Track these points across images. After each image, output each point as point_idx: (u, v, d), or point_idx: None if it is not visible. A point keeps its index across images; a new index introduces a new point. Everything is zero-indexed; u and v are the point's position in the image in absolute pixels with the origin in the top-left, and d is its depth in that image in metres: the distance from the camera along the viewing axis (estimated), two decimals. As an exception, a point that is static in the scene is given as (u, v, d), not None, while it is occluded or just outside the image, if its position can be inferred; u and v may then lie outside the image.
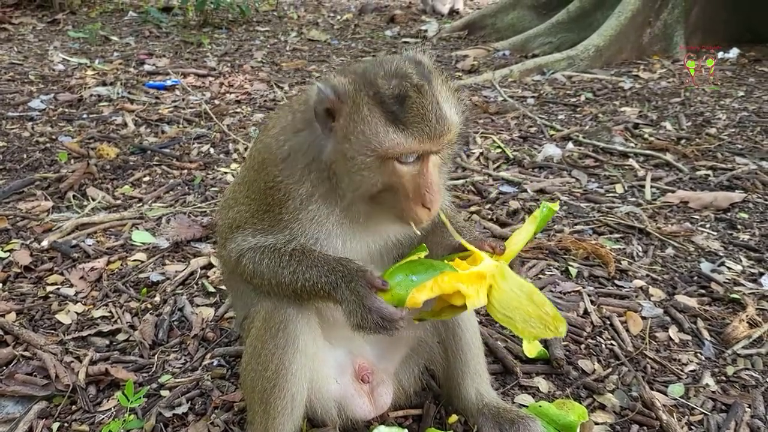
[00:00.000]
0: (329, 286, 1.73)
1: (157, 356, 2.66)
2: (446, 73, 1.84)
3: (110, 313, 2.95)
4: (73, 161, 4.66)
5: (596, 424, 2.27)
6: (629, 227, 3.74)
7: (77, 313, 2.94)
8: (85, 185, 4.28)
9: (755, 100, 6.37)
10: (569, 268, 3.29)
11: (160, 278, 3.22)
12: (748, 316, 2.82)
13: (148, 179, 4.47)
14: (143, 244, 3.55)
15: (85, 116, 5.70)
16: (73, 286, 3.15)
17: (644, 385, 2.44)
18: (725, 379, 2.54)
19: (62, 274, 3.25)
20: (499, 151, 5.02)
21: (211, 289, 3.13)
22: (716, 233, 3.69)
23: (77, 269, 3.26)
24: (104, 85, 6.65)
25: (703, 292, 3.12)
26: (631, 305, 2.98)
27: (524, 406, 2.32)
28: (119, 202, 4.11)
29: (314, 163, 1.79)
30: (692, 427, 2.29)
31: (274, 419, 1.90)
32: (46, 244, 3.48)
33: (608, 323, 2.88)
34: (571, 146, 5.07)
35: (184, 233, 3.62)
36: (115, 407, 2.35)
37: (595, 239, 3.60)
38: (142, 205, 4.06)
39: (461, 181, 4.44)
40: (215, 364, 2.61)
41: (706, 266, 3.31)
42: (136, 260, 3.40)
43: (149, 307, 3.01)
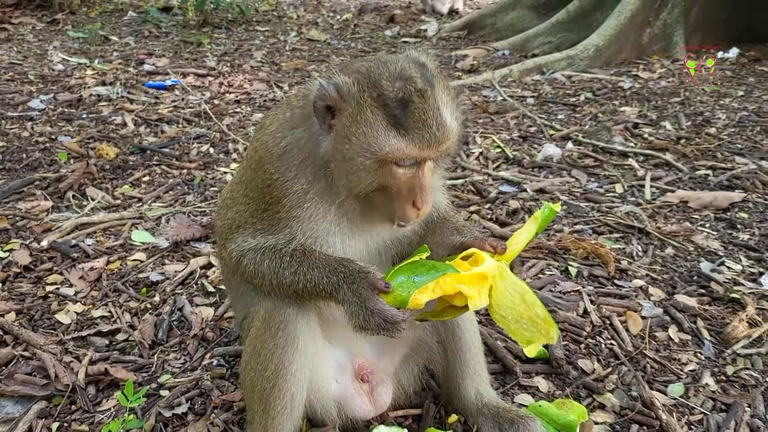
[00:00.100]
0: (331, 287, 1.73)
1: (156, 356, 2.66)
2: (448, 77, 1.84)
3: (110, 312, 2.95)
4: (72, 161, 4.66)
5: (596, 423, 2.27)
6: (629, 227, 3.74)
7: (77, 312, 2.94)
8: (84, 185, 4.28)
9: (755, 99, 6.37)
10: (569, 267, 3.30)
11: (159, 278, 3.22)
12: (747, 315, 2.82)
13: (147, 179, 4.46)
14: (143, 243, 3.55)
15: (84, 116, 5.70)
16: (72, 285, 3.15)
17: (644, 384, 2.44)
18: (725, 378, 2.54)
19: (62, 273, 3.25)
20: (498, 150, 5.02)
21: (210, 288, 3.13)
22: (716, 233, 3.69)
23: (77, 269, 3.26)
24: (104, 84, 6.65)
25: (702, 291, 3.12)
26: (630, 305, 2.98)
27: (524, 405, 2.32)
28: (119, 201, 4.10)
29: (310, 158, 1.79)
30: (692, 426, 2.29)
31: (273, 419, 1.90)
32: (45, 243, 3.48)
33: (608, 323, 2.88)
34: (570, 146, 5.07)
35: (183, 233, 3.62)
36: (114, 407, 2.35)
37: (594, 239, 3.60)
38: (141, 204, 4.06)
39: (461, 180, 4.44)
40: (215, 363, 2.61)
41: (705, 266, 3.31)
42: (135, 260, 3.40)
43: (149, 306, 3.01)
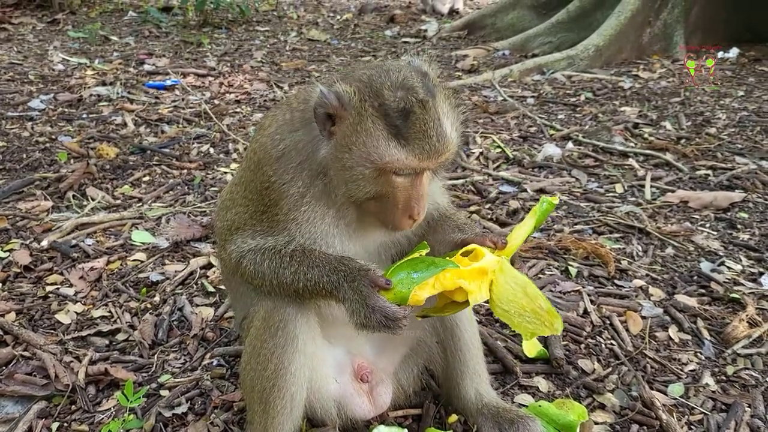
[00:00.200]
0: (331, 285, 1.73)
1: (156, 356, 2.66)
2: (449, 86, 1.85)
3: (110, 312, 2.95)
4: (72, 161, 4.66)
5: (596, 423, 2.27)
6: (629, 227, 3.74)
7: (77, 312, 2.94)
8: (84, 185, 4.28)
9: (755, 99, 6.37)
10: (569, 267, 3.29)
11: (159, 278, 3.22)
12: (748, 315, 2.82)
13: (147, 179, 4.46)
14: (143, 243, 3.55)
15: (84, 116, 5.70)
16: (72, 285, 3.15)
17: (644, 384, 2.44)
18: (725, 378, 2.54)
19: (62, 273, 3.25)
20: (498, 150, 5.02)
21: (210, 288, 3.13)
22: (716, 233, 3.69)
23: (77, 269, 3.26)
24: (104, 84, 6.65)
25: (703, 291, 3.12)
26: (630, 305, 2.98)
27: (524, 405, 2.32)
28: (119, 201, 4.11)
29: (308, 162, 1.80)
30: (692, 426, 2.29)
31: (273, 419, 1.90)
32: (45, 243, 3.48)
33: (608, 323, 2.88)
34: (570, 146, 5.07)
35: (183, 233, 3.62)
36: (114, 407, 2.35)
37: (594, 239, 3.60)
38: (141, 204, 4.06)
39: (461, 180, 4.44)
40: (215, 363, 2.61)
41: (705, 266, 3.31)
42: (135, 260, 3.40)
43: (149, 306, 3.01)
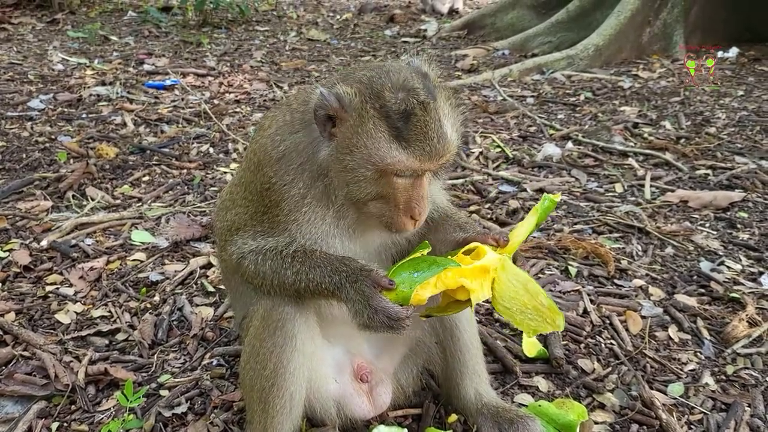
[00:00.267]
0: (333, 286, 1.73)
1: (156, 356, 2.66)
2: (449, 87, 1.85)
3: (109, 312, 2.95)
4: (72, 161, 4.66)
5: (596, 423, 2.27)
6: (629, 226, 3.74)
7: (76, 312, 2.94)
8: (84, 185, 4.28)
9: (755, 99, 6.37)
10: (569, 267, 3.29)
11: (159, 278, 3.22)
12: (747, 315, 2.82)
13: (147, 179, 4.46)
14: (142, 243, 3.55)
15: (84, 116, 5.70)
16: (72, 285, 3.15)
17: (644, 384, 2.44)
18: (725, 378, 2.54)
19: (61, 273, 3.25)
20: (498, 150, 5.02)
21: (210, 288, 3.13)
22: (716, 232, 3.69)
23: (76, 269, 3.26)
24: (103, 84, 6.64)
25: (702, 291, 3.12)
26: (630, 304, 2.98)
27: (524, 405, 2.32)
28: (118, 201, 4.10)
29: (308, 163, 1.80)
30: (692, 426, 2.29)
31: (273, 418, 1.90)
32: (45, 243, 3.48)
33: (608, 322, 2.88)
34: (570, 145, 5.07)
35: (183, 233, 3.62)
36: (114, 407, 2.35)
37: (594, 238, 3.60)
38: (141, 204, 4.06)
39: (461, 180, 4.44)
40: (214, 363, 2.61)
41: (705, 265, 3.31)
42: (135, 260, 3.40)
43: (148, 306, 3.00)
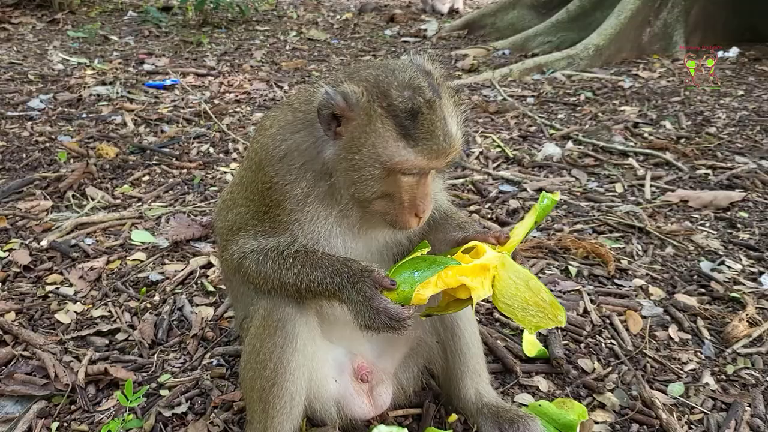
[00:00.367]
0: (334, 287, 1.73)
1: (156, 356, 2.65)
2: (451, 83, 1.85)
3: (109, 312, 2.95)
4: (72, 161, 4.66)
5: (596, 423, 2.27)
6: (629, 226, 3.74)
7: (76, 312, 2.94)
8: (84, 185, 4.28)
9: (755, 99, 6.37)
10: (569, 267, 3.29)
11: (159, 278, 3.22)
12: (747, 315, 2.82)
13: (147, 179, 4.46)
14: (142, 243, 3.55)
15: (84, 116, 5.70)
16: (72, 285, 3.15)
17: (644, 384, 2.44)
18: (725, 378, 2.54)
19: (61, 273, 3.25)
20: (498, 150, 5.02)
21: (210, 288, 3.13)
22: (716, 232, 3.69)
23: (76, 269, 3.26)
24: (103, 84, 6.65)
25: (702, 291, 3.12)
26: (630, 304, 2.98)
27: (524, 405, 2.32)
28: (118, 201, 4.10)
29: (311, 162, 1.79)
30: (692, 426, 2.29)
31: (273, 418, 1.90)
32: (45, 243, 3.48)
33: (608, 322, 2.88)
34: (570, 145, 5.07)
35: (183, 233, 3.62)
36: (114, 407, 2.35)
37: (594, 238, 3.60)
38: (141, 204, 4.06)
39: (461, 180, 4.44)
40: (215, 363, 2.61)
41: (705, 265, 3.31)
42: (135, 260, 3.40)
43: (148, 306, 3.00)
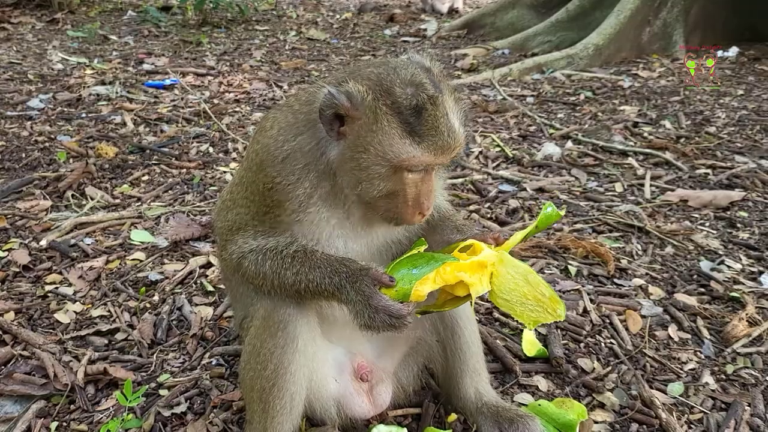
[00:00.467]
0: (333, 287, 1.73)
1: (155, 355, 2.65)
2: (450, 78, 1.85)
3: (109, 312, 2.95)
4: (71, 160, 4.65)
5: (595, 422, 2.27)
6: (629, 226, 3.74)
7: (76, 312, 2.94)
8: (83, 184, 4.28)
9: (755, 98, 6.37)
10: (568, 266, 3.29)
11: (158, 277, 3.21)
12: (747, 314, 2.82)
13: (147, 178, 4.46)
14: (142, 243, 3.55)
15: (83, 115, 5.70)
16: (71, 285, 3.15)
17: (644, 383, 2.44)
18: (725, 377, 2.54)
19: (61, 273, 3.25)
20: (498, 149, 5.02)
21: (209, 288, 3.13)
22: (716, 232, 3.69)
23: (76, 268, 3.26)
24: (103, 84, 6.64)
25: (702, 290, 3.12)
26: (630, 304, 2.98)
27: (523, 404, 2.32)
28: (118, 201, 4.10)
29: (314, 163, 1.79)
30: (692, 425, 2.29)
31: (273, 418, 1.90)
32: (44, 243, 3.48)
33: (608, 322, 2.88)
34: (570, 145, 5.06)
35: (182, 232, 3.61)
36: (113, 406, 2.35)
37: (594, 238, 3.60)
38: (140, 204, 4.06)
39: (460, 180, 4.44)
40: (214, 363, 2.61)
41: (705, 265, 3.31)
42: (134, 259, 3.40)
43: (148, 306, 3.00)
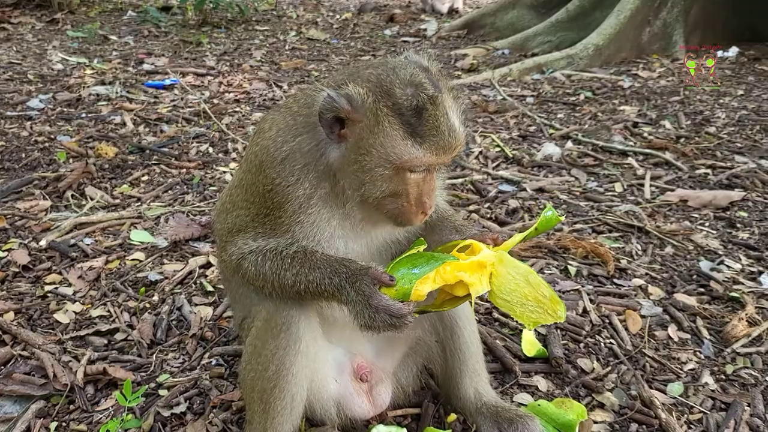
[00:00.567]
0: (333, 288, 1.73)
1: (155, 355, 2.65)
2: (448, 78, 1.86)
3: (108, 312, 2.95)
4: (71, 160, 4.65)
5: (595, 422, 2.27)
6: (628, 226, 3.74)
7: (75, 312, 2.94)
8: (83, 184, 4.28)
9: (754, 98, 6.37)
10: (568, 266, 3.29)
11: (158, 277, 3.21)
12: (747, 314, 2.82)
13: (146, 178, 4.46)
14: (142, 243, 3.55)
15: (83, 115, 5.70)
16: (71, 285, 3.15)
17: (643, 383, 2.44)
18: (724, 377, 2.54)
19: (60, 273, 3.25)
20: (498, 150, 5.02)
21: (209, 288, 3.13)
22: (715, 232, 3.69)
23: (75, 268, 3.25)
24: (103, 84, 6.64)
25: (702, 290, 3.12)
26: (630, 304, 2.98)
27: (523, 404, 2.32)
28: (118, 201, 4.10)
29: (314, 164, 1.79)
30: (691, 425, 2.29)
31: (273, 419, 1.89)
32: (44, 243, 3.48)
33: (607, 322, 2.88)
34: (570, 145, 5.06)
35: (182, 232, 3.61)
36: (113, 406, 2.35)
37: (594, 238, 3.60)
38: (140, 204, 4.06)
39: (460, 180, 4.44)
40: (213, 363, 2.61)
41: (705, 265, 3.31)
42: (134, 259, 3.39)
43: (147, 306, 3.00)
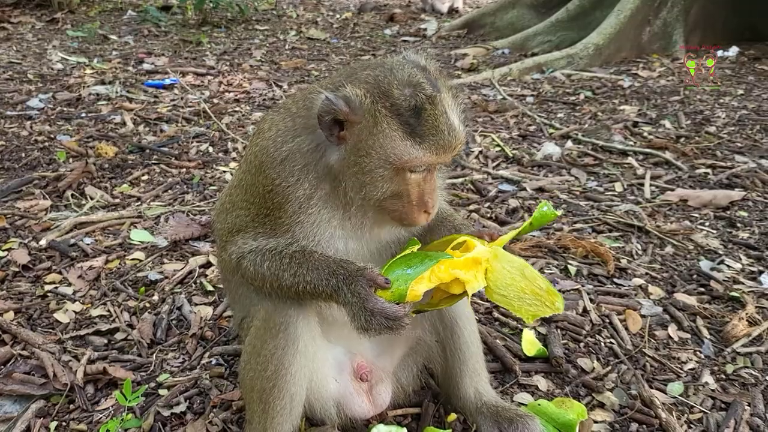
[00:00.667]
0: (331, 289, 1.73)
1: (155, 355, 2.65)
2: (448, 78, 1.86)
3: (108, 312, 2.95)
4: (71, 160, 4.65)
5: (595, 422, 2.27)
6: (628, 225, 3.73)
7: (75, 312, 2.94)
8: (83, 184, 4.28)
9: (755, 98, 6.36)
10: (568, 266, 3.29)
11: (158, 277, 3.21)
12: (747, 314, 2.82)
13: (146, 178, 4.46)
14: (142, 242, 3.55)
15: (83, 115, 5.69)
16: (71, 285, 3.15)
17: (643, 383, 2.44)
18: (725, 377, 2.54)
19: (60, 273, 3.25)
20: (498, 149, 5.02)
21: (209, 287, 3.13)
22: (715, 231, 3.69)
23: (75, 268, 3.25)
24: (103, 83, 6.64)
25: (702, 290, 3.12)
26: (630, 303, 2.98)
27: (523, 404, 2.32)
28: (118, 201, 4.10)
29: (313, 165, 1.79)
30: (691, 425, 2.29)
31: (272, 419, 1.90)
32: (44, 243, 3.48)
33: (607, 321, 2.88)
34: (570, 145, 5.06)
35: (182, 232, 3.61)
36: (113, 406, 2.35)
37: (594, 237, 3.60)
38: (140, 203, 4.05)
39: (460, 179, 4.44)
40: (213, 363, 2.61)
41: (705, 264, 3.31)
42: (134, 259, 3.39)
43: (147, 306, 3.00)
